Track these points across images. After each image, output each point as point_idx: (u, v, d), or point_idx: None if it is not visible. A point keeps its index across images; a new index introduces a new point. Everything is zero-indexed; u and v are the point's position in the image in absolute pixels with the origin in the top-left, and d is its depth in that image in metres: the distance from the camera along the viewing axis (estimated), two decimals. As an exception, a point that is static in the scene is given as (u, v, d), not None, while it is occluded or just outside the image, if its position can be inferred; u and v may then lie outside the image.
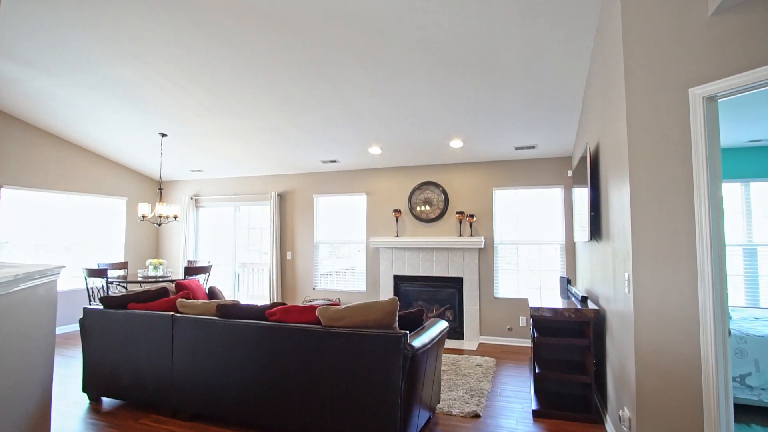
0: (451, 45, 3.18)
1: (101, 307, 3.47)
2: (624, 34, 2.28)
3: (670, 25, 2.10)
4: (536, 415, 3.16)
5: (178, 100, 4.46)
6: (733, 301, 4.54)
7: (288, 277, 6.60)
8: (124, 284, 5.37)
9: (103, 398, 3.52)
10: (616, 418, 2.66)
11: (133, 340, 3.28)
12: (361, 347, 2.55)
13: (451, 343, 5.31)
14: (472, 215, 5.51)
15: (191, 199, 7.19)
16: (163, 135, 5.42)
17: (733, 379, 3.03)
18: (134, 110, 4.77)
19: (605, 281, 3.02)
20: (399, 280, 5.87)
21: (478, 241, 5.31)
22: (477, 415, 3.15)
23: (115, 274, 5.70)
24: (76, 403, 3.43)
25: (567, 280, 4.23)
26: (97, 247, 6.48)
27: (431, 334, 2.80)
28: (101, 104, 4.70)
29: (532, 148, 5.03)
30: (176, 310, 3.30)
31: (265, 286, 6.89)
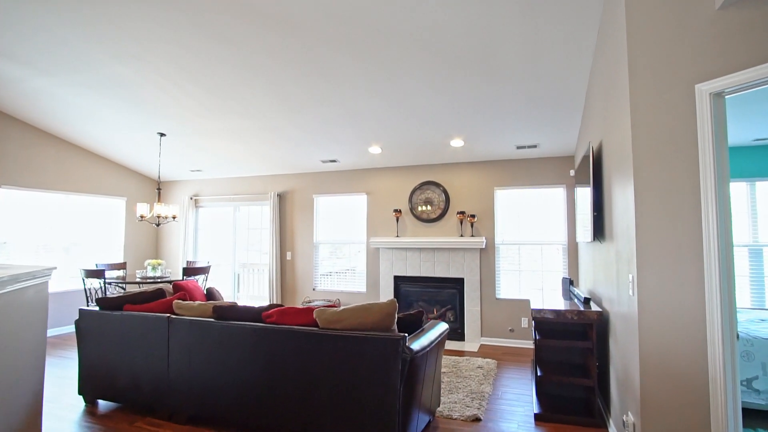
0: (452, 43, 3.13)
1: (97, 308, 3.43)
2: (628, 30, 2.22)
3: (676, 19, 2.04)
4: (538, 419, 3.11)
5: (178, 100, 4.42)
6: (739, 303, 4.48)
7: (288, 278, 6.55)
8: (122, 285, 5.33)
9: (99, 401, 3.48)
10: (619, 423, 2.61)
11: (129, 342, 3.24)
12: (359, 350, 2.50)
13: (452, 345, 5.25)
14: (474, 215, 5.45)
15: (191, 199, 7.16)
16: (162, 135, 5.39)
17: (740, 383, 2.97)
18: (133, 110, 4.74)
19: (608, 282, 2.96)
20: (399, 281, 5.81)
21: (480, 241, 5.25)
22: (478, 419, 3.10)
23: (114, 274, 5.67)
24: (72, 406, 3.39)
25: (569, 281, 4.17)
26: (96, 248, 6.45)
27: (431, 336, 2.75)
28: (100, 104, 4.67)
29: (534, 147, 4.97)
30: (173, 312, 3.26)
31: (265, 287, 6.85)
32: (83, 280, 4.93)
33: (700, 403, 1.95)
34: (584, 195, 3.53)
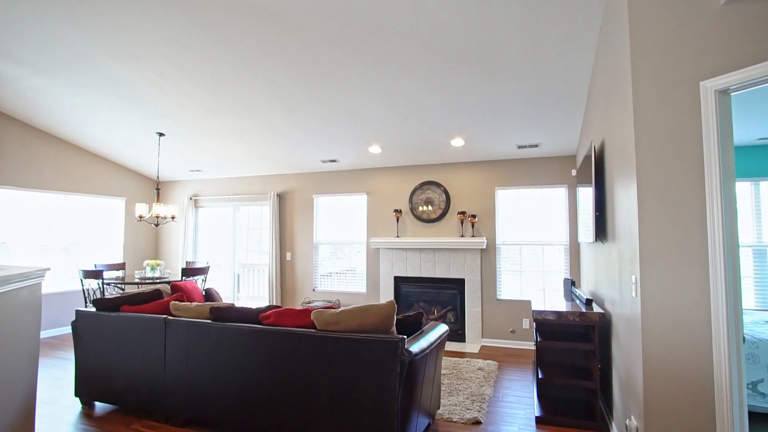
0: (452, 42, 3.09)
1: (94, 309, 3.40)
2: (630, 26, 2.18)
3: (680, 15, 2.00)
4: (539, 422, 3.06)
5: (177, 100, 4.39)
6: (743, 304, 4.42)
7: (287, 279, 6.52)
8: (121, 286, 5.31)
9: (95, 403, 3.45)
10: (622, 427, 2.56)
11: (125, 344, 3.21)
12: (357, 352, 2.46)
13: (453, 346, 5.21)
14: (474, 215, 5.41)
15: (190, 199, 7.13)
16: (161, 134, 5.36)
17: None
18: (132, 110, 4.71)
19: (611, 284, 2.91)
20: (400, 282, 5.77)
21: (480, 241, 5.21)
22: (478, 422, 3.06)
23: (113, 275, 5.64)
24: (68, 408, 3.36)
25: (571, 282, 4.13)
26: (96, 248, 6.43)
27: (430, 338, 2.71)
28: (99, 103, 4.64)
29: (535, 146, 4.93)
30: (170, 313, 3.23)
31: (265, 288, 6.82)
32: (81, 281, 4.91)
33: (705, 407, 1.91)
34: (586, 195, 3.49)
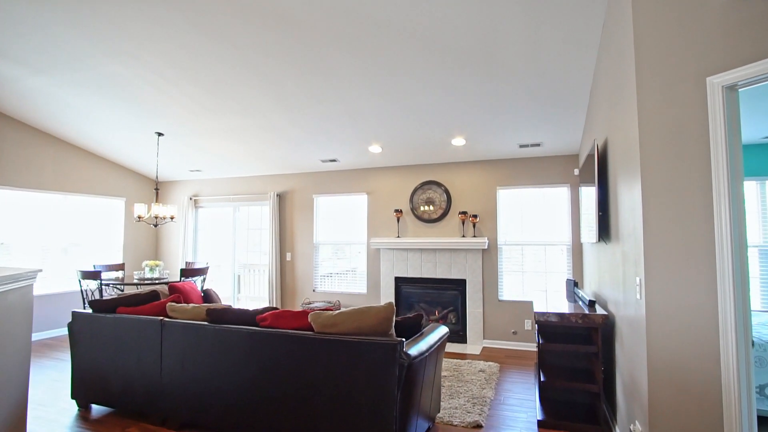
0: (453, 39, 3.04)
1: (90, 311, 3.37)
2: (634, 21, 2.13)
3: (685, 9, 1.94)
4: (541, 426, 3.01)
5: (175, 99, 4.35)
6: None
7: (288, 279, 6.48)
8: (119, 286, 5.27)
9: (92, 405, 3.41)
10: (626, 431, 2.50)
11: (122, 346, 3.17)
12: (355, 355, 2.41)
13: (454, 347, 5.16)
14: (476, 215, 5.35)
15: (190, 199, 7.10)
16: (160, 134, 5.33)
17: (752, 389, 2.86)
18: (131, 109, 4.68)
19: (614, 285, 2.86)
20: (400, 282, 5.72)
21: (482, 241, 5.15)
22: (479, 426, 3.01)
23: (112, 275, 5.61)
24: (65, 410, 3.33)
25: (574, 283, 4.07)
26: (96, 249, 6.40)
27: (430, 341, 2.66)
28: (97, 103, 4.61)
29: (537, 145, 4.87)
30: (166, 315, 3.19)
31: (265, 288, 6.78)
32: (80, 282, 4.88)
33: (712, 411, 1.85)
34: (589, 194, 3.43)
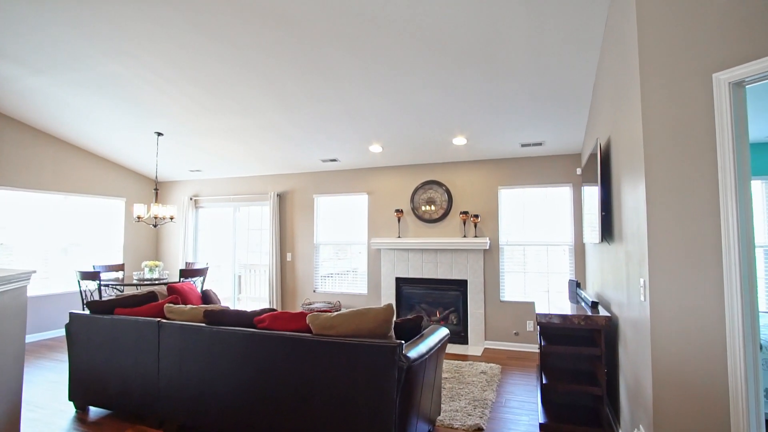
0: (454, 37, 3.00)
1: (87, 312, 3.34)
2: (638, 17, 2.08)
3: (691, 3, 1.90)
4: (543, 429, 2.96)
5: (175, 99, 4.32)
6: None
7: (288, 280, 6.44)
8: (119, 287, 5.25)
9: (90, 407, 3.38)
10: (630, 435, 2.46)
11: (119, 348, 3.14)
12: (354, 358, 2.37)
13: (455, 348, 5.11)
14: (477, 215, 5.31)
15: (190, 199, 7.07)
16: (159, 134, 5.30)
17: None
18: (130, 109, 4.65)
19: (618, 286, 2.81)
20: (401, 283, 5.68)
21: (483, 242, 5.11)
22: (480, 429, 2.96)
23: (112, 276, 5.59)
24: (62, 412, 3.30)
25: (576, 284, 4.01)
26: (96, 249, 6.38)
27: (429, 343, 2.62)
28: (97, 103, 4.58)
29: (539, 145, 4.82)
30: (164, 316, 3.16)
31: (266, 289, 6.75)
32: (79, 282, 4.85)
33: (719, 416, 1.80)
34: (592, 194, 3.38)
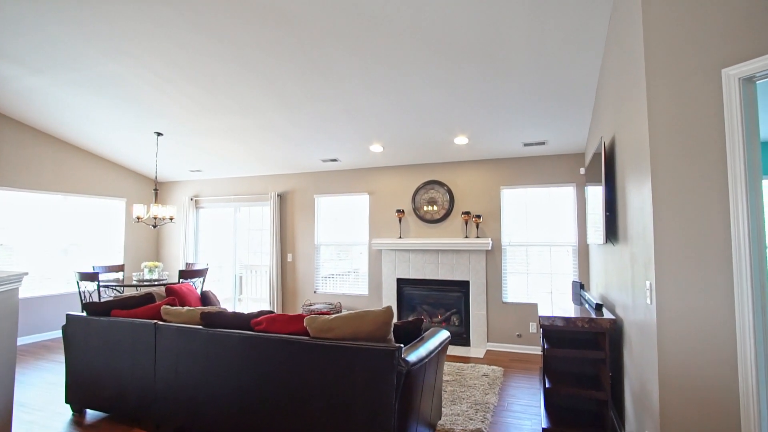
0: (454, 36, 2.94)
1: (84, 313, 3.30)
2: (644, 11, 2.02)
3: (699, -3, 1.83)
4: (546, 434, 2.90)
5: (174, 99, 4.29)
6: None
7: (288, 280, 6.40)
8: (118, 288, 5.22)
9: (86, 410, 3.34)
10: (635, 441, 2.39)
11: (116, 350, 3.10)
12: (352, 361, 2.32)
13: (457, 350, 5.05)
14: (479, 215, 5.25)
15: (191, 200, 7.04)
16: (159, 134, 5.27)
17: None
18: (130, 109, 4.62)
19: (623, 288, 2.75)
20: (402, 284, 5.63)
21: (485, 242, 5.05)
22: (481, 433, 2.90)
23: (111, 277, 5.56)
24: (59, 415, 3.26)
25: (580, 285, 3.95)
26: (96, 250, 6.35)
27: (430, 346, 2.56)
28: (96, 103, 4.55)
29: (542, 144, 4.75)
30: (161, 318, 3.12)
31: (266, 290, 6.71)
32: (77, 283, 4.82)
33: (729, 423, 1.74)
34: (595, 194, 3.32)
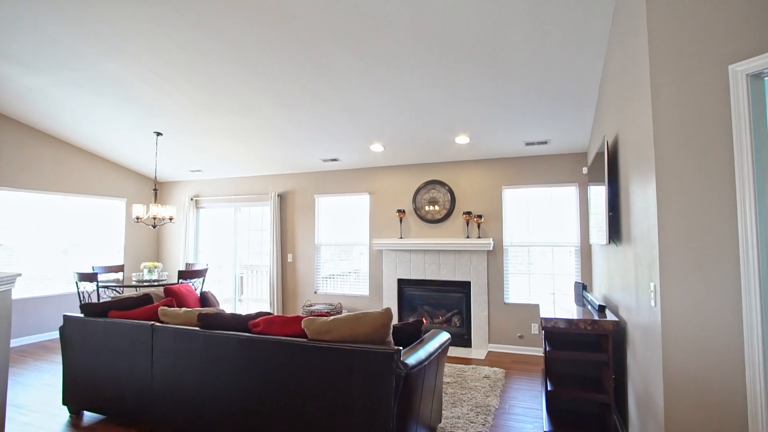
0: (454, 34, 2.90)
1: (81, 314, 3.28)
2: (648, 6, 1.97)
3: (705, -9, 1.79)
4: (548, 438, 2.86)
5: (173, 99, 4.26)
6: None
7: (289, 281, 6.37)
8: (117, 289, 5.20)
9: (84, 412, 3.32)
10: (639, 446, 2.35)
11: (113, 351, 3.07)
12: (350, 364, 2.28)
13: (458, 351, 5.01)
14: (480, 215, 5.20)
15: (191, 200, 7.02)
16: (159, 134, 5.24)
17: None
18: (129, 109, 4.59)
19: (626, 289, 2.70)
20: (403, 284, 5.58)
21: (487, 242, 5.00)
22: (482, 437, 2.86)
23: (111, 277, 5.54)
24: (56, 417, 3.24)
25: (582, 286, 3.90)
26: (96, 250, 6.34)
27: (429, 348, 2.52)
28: (96, 103, 4.53)
29: (544, 143, 4.70)
30: (158, 319, 3.08)
31: (267, 290, 6.68)
32: (76, 284, 4.80)
33: (736, 428, 1.69)
34: (598, 194, 3.27)
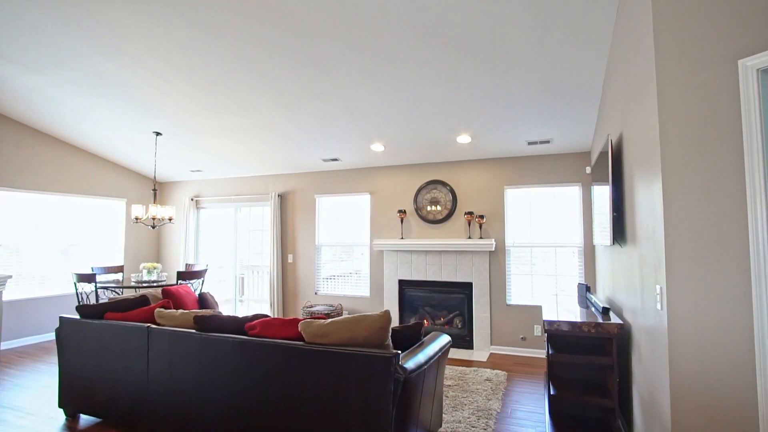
0: (456, 32, 2.84)
1: (77, 316, 3.24)
2: (654, 2, 1.91)
3: (713, -16, 1.73)
4: (551, 443, 2.80)
5: (172, 98, 4.22)
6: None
7: (289, 281, 6.33)
8: (117, 290, 5.17)
9: (80, 415, 3.28)
10: (645, 453, 2.29)
11: (108, 353, 3.04)
12: (347, 368, 2.23)
13: (460, 353, 4.95)
14: (482, 216, 5.14)
15: (191, 200, 6.99)
16: (158, 134, 5.21)
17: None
18: (128, 108, 4.56)
19: (631, 291, 2.64)
20: (404, 285, 5.53)
21: (489, 243, 4.94)
22: (484, 442, 2.80)
23: (110, 278, 5.51)
24: (52, 419, 3.20)
25: (586, 288, 3.84)
26: (96, 250, 6.31)
27: (429, 352, 2.47)
28: (95, 103, 4.50)
29: (547, 142, 4.64)
30: (154, 321, 3.04)
31: (267, 291, 6.64)
32: (75, 285, 4.77)
33: (745, 438, 1.63)
34: (602, 194, 3.21)
